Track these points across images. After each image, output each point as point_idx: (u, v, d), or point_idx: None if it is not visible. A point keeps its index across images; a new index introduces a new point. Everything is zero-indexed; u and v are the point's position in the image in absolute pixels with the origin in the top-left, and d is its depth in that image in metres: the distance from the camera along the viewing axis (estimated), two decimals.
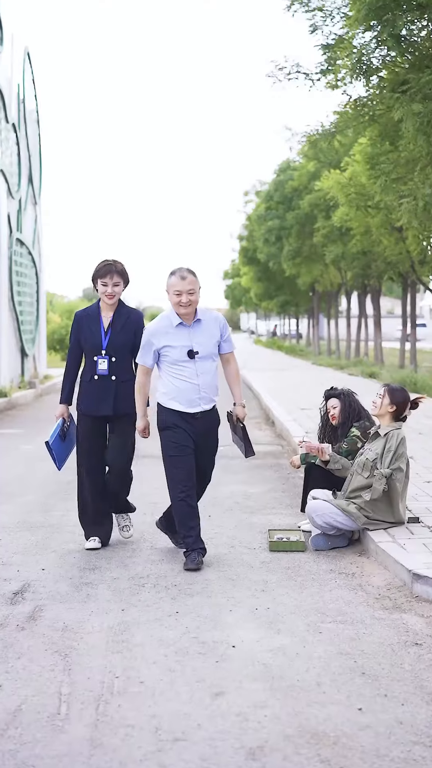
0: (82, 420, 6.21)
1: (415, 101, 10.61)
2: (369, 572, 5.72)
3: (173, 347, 5.76)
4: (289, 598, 5.17)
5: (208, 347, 5.82)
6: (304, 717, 3.61)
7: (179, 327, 5.80)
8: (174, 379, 5.79)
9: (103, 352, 6.11)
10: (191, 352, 5.75)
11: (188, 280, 5.73)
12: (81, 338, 6.18)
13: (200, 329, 5.82)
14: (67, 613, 4.90)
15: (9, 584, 5.45)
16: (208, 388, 5.83)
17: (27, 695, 3.81)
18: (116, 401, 6.11)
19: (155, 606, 5.03)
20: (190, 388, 5.76)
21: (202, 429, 5.86)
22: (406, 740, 3.42)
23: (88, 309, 6.29)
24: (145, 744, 3.37)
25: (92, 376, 6.12)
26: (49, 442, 6.25)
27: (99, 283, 6.14)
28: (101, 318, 6.19)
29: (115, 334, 6.14)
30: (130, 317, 6.23)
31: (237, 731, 3.48)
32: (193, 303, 5.75)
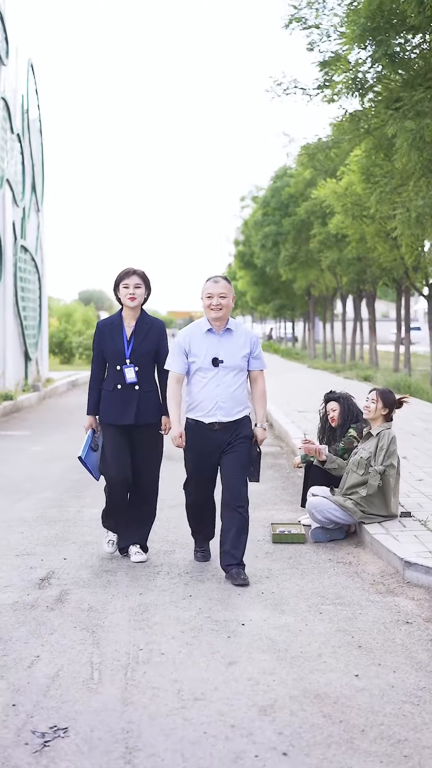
0: (105, 429, 6.13)
1: (408, 118, 11.13)
2: (364, 561, 6.23)
3: (199, 353, 5.74)
4: (291, 584, 5.68)
5: (235, 359, 5.76)
6: (308, 682, 4.11)
7: (208, 334, 5.80)
8: (195, 387, 5.80)
9: (127, 361, 6.01)
10: (215, 360, 5.72)
11: (221, 284, 5.77)
12: (104, 347, 6.09)
13: (229, 339, 5.79)
14: (91, 596, 5.40)
15: (35, 571, 5.95)
16: (228, 400, 5.74)
17: (62, 664, 4.31)
18: (139, 410, 6.00)
19: (170, 590, 5.52)
20: (208, 397, 5.73)
21: (223, 439, 5.78)
22: (397, 700, 3.92)
23: (110, 318, 6.20)
24: (170, 702, 3.87)
25: (116, 385, 6.04)
26: (81, 456, 6.14)
27: (121, 286, 6.04)
28: (124, 327, 6.10)
29: (138, 342, 6.04)
30: (153, 326, 6.13)
31: (249, 693, 3.98)
32: (224, 308, 5.72)
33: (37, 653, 4.45)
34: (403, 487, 7.91)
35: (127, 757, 3.38)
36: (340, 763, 3.34)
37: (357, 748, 3.47)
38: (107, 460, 6.09)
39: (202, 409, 5.76)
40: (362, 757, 3.39)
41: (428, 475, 8.74)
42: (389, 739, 3.55)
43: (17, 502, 8.31)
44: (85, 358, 36.65)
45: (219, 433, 5.77)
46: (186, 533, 6.57)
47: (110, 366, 6.08)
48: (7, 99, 18.53)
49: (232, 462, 5.78)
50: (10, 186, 18.79)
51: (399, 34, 11.83)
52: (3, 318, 18.23)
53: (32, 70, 21.88)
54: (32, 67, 21.86)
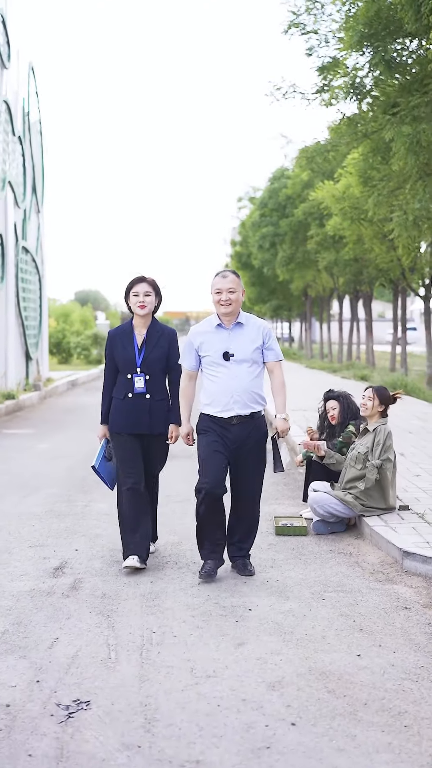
0: (116, 438, 6.06)
1: (405, 123, 11.38)
2: (365, 551, 6.49)
3: (210, 348, 5.70)
4: (295, 573, 5.93)
5: (246, 352, 5.68)
6: (313, 661, 4.37)
7: (218, 328, 5.74)
8: (209, 383, 5.73)
9: (138, 370, 5.98)
10: (226, 354, 5.66)
11: (229, 279, 5.70)
12: (115, 356, 6.05)
13: (240, 333, 5.72)
14: (104, 584, 5.64)
15: (49, 561, 6.19)
16: (244, 393, 5.67)
17: (81, 645, 4.55)
18: (152, 419, 5.97)
19: (179, 579, 5.77)
20: (223, 391, 5.66)
21: (240, 437, 5.70)
22: (396, 677, 4.18)
23: (121, 326, 6.15)
24: (184, 679, 4.12)
25: (126, 394, 6.00)
26: (95, 466, 6.11)
27: (131, 294, 6.03)
28: (135, 335, 6.06)
29: (149, 350, 6.00)
30: (164, 333, 6.09)
31: (258, 671, 4.23)
32: (233, 303, 5.66)
33: (56, 636, 4.69)
34: (401, 483, 8.17)
35: (147, 726, 3.63)
36: (344, 732, 3.59)
37: (360, 719, 3.72)
38: (121, 470, 5.99)
39: (219, 404, 5.68)
40: (365, 727, 3.64)
41: (425, 471, 8.99)
42: (390, 711, 3.80)
43: (26, 497, 8.55)
44: (82, 358, 36.87)
45: (237, 427, 5.68)
46: (187, 529, 6.81)
47: (121, 374, 6.04)
48: (8, 102, 18.76)
49: (245, 467, 5.75)
50: (12, 188, 19.03)
51: (396, 40, 12.10)
52: (5, 318, 18.47)
53: (33, 72, 22.11)
54: (33, 70, 22.09)
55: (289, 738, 3.54)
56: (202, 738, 3.54)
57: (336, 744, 3.50)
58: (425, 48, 10.86)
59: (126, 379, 6.00)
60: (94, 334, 37.55)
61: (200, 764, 3.32)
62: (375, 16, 11.37)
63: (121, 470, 5.99)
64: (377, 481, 6.95)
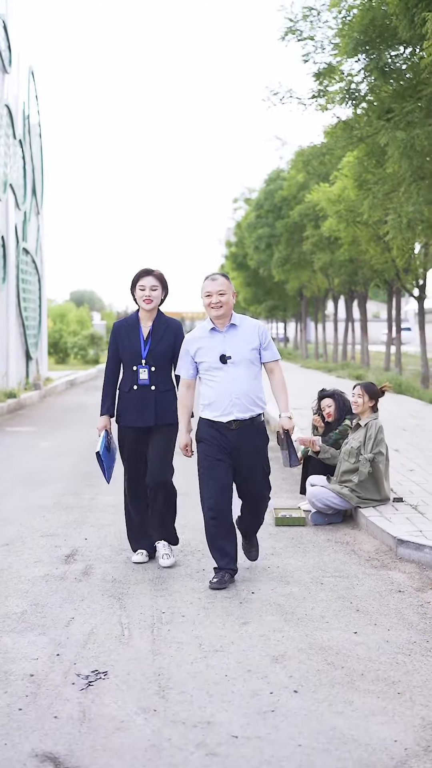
0: (122, 432, 6.08)
1: (399, 128, 11.71)
2: (361, 540, 6.81)
3: (206, 353, 5.61)
4: (294, 560, 6.24)
5: (243, 353, 5.60)
6: (313, 638, 4.68)
7: (213, 332, 5.66)
8: (208, 388, 5.64)
9: (143, 361, 5.98)
10: (223, 357, 5.57)
11: (218, 281, 5.63)
12: (120, 347, 6.06)
13: (234, 335, 5.64)
14: (114, 570, 5.95)
15: (61, 549, 6.51)
16: (243, 396, 5.56)
17: (96, 624, 4.87)
18: (158, 411, 5.97)
19: (185, 565, 6.08)
20: (222, 395, 5.56)
21: (240, 441, 5.59)
22: (390, 651, 4.50)
23: (127, 318, 6.17)
24: (193, 653, 4.43)
25: (131, 386, 6.00)
26: (99, 452, 6.06)
27: (137, 287, 6.00)
28: (140, 327, 6.06)
29: (155, 342, 6.00)
30: (169, 326, 6.09)
31: (262, 646, 4.55)
32: (224, 305, 5.58)
33: (72, 615, 5.01)
34: (395, 477, 8.50)
35: (161, 693, 3.94)
36: (343, 698, 3.91)
37: (357, 688, 4.03)
38: (126, 464, 6.07)
39: (218, 408, 5.58)
40: (362, 694, 3.96)
41: (418, 466, 9.32)
42: (385, 680, 4.12)
43: (34, 491, 8.86)
44: (79, 358, 37.17)
45: (236, 433, 5.58)
46: (195, 517, 7.10)
47: (126, 366, 6.04)
48: (9, 106, 19.07)
49: (249, 467, 5.66)
50: (13, 190, 19.35)
51: (390, 47, 12.42)
52: (6, 319, 18.77)
53: (33, 76, 22.41)
54: (33, 74, 22.39)
55: (292, 703, 3.86)
56: (212, 703, 3.85)
57: (335, 708, 3.81)
58: (419, 56, 11.17)
59: (132, 371, 6.00)
60: (90, 334, 37.85)
61: (211, 725, 3.64)
62: (370, 24, 11.69)
63: (126, 469, 6.06)
64: (371, 474, 7.27)
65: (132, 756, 3.37)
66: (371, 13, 11.58)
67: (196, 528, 7.04)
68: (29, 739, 3.50)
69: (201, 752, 3.41)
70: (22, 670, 4.20)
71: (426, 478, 8.62)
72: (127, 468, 6.10)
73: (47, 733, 3.56)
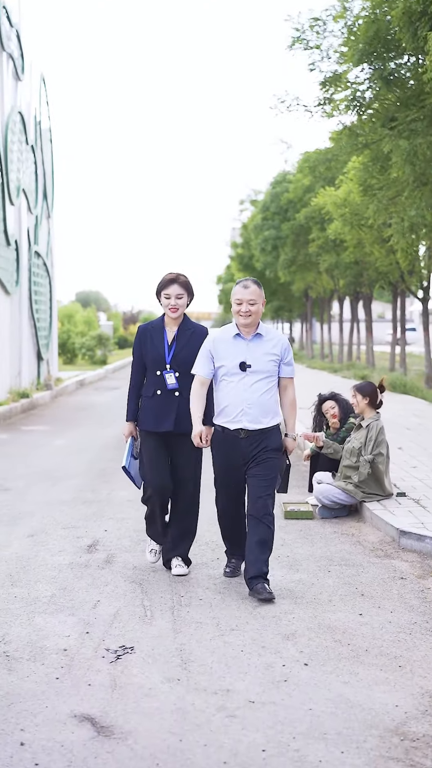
0: (144, 438, 5.98)
1: (402, 137, 12.10)
2: (365, 532, 7.20)
3: (227, 358, 5.57)
4: (303, 550, 6.63)
5: (263, 364, 5.56)
6: (321, 618, 5.08)
7: (237, 338, 5.62)
8: (222, 392, 5.62)
9: (167, 366, 5.87)
10: (243, 364, 5.53)
11: (250, 290, 5.55)
12: (144, 352, 5.96)
13: (258, 344, 5.59)
14: (134, 559, 6.35)
15: (82, 540, 6.91)
16: (255, 406, 5.52)
17: (120, 606, 5.27)
18: (178, 417, 5.84)
19: (200, 555, 6.47)
20: (234, 402, 5.54)
21: (250, 451, 5.56)
22: (393, 630, 4.89)
23: (152, 322, 6.07)
24: (211, 631, 4.83)
25: (155, 391, 5.89)
26: (126, 467, 6.01)
27: (162, 295, 5.91)
28: (165, 332, 5.97)
29: (179, 348, 5.90)
30: (195, 331, 5.99)
31: (274, 625, 4.94)
32: (253, 314, 5.53)
33: (98, 599, 5.41)
34: (398, 473, 8.89)
35: (183, 665, 4.34)
36: (349, 671, 4.30)
37: (362, 661, 4.43)
38: (146, 469, 5.94)
39: (228, 415, 5.57)
40: (366, 667, 4.35)
41: (421, 463, 9.70)
42: (387, 656, 4.51)
43: (53, 487, 9.26)
44: (87, 358, 37.57)
45: (245, 441, 5.56)
46: (208, 511, 7.48)
47: (150, 371, 5.94)
48: (22, 113, 19.50)
49: (259, 474, 5.57)
50: (26, 195, 19.78)
51: (395, 57, 12.81)
52: (19, 320, 19.21)
53: (44, 82, 22.84)
54: (44, 80, 22.82)
55: (303, 674, 4.25)
56: (230, 674, 4.24)
57: (342, 679, 4.20)
58: (423, 68, 11.54)
59: (155, 375, 5.90)
60: (98, 335, 38.25)
61: (230, 692, 4.03)
62: (374, 36, 12.07)
63: (148, 473, 5.91)
64: (370, 474, 7.67)
65: (160, 717, 3.76)
66: (376, 26, 11.96)
67: (209, 521, 7.43)
68: (67, 703, 3.90)
69: (221, 714, 3.80)
70: (55, 646, 4.60)
71: (428, 474, 9.00)
72: (149, 476, 5.92)
73: (83, 698, 3.96)
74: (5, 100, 18.03)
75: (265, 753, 3.46)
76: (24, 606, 5.29)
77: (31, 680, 4.16)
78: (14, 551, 6.59)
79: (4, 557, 6.42)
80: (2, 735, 3.61)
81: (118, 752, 3.46)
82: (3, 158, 17.28)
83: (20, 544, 6.82)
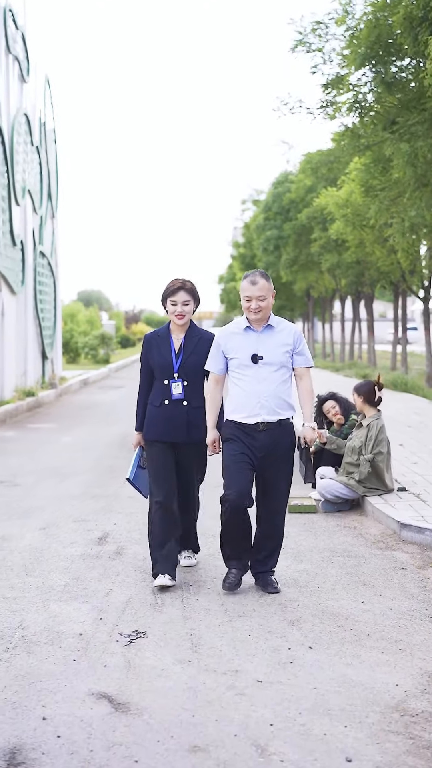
0: (150, 447, 5.84)
1: (403, 140, 12.30)
2: (367, 525, 7.41)
3: (238, 351, 5.49)
4: (306, 542, 6.85)
5: (276, 355, 5.46)
6: (324, 606, 5.29)
7: (247, 331, 5.52)
8: (236, 387, 5.52)
9: (175, 375, 5.76)
10: (255, 356, 5.43)
11: (259, 285, 5.43)
12: (151, 360, 5.85)
13: (269, 335, 5.51)
14: (143, 551, 6.56)
15: (93, 533, 7.13)
16: (271, 398, 5.43)
17: (131, 594, 5.49)
18: (189, 428, 5.74)
19: (206, 547, 6.67)
20: (250, 396, 5.43)
21: (267, 445, 5.46)
22: (394, 617, 5.10)
23: (157, 331, 5.95)
24: (219, 617, 5.05)
25: (163, 400, 5.77)
26: (129, 478, 5.94)
27: (168, 302, 5.79)
28: (172, 339, 5.86)
29: (186, 355, 5.79)
30: (202, 338, 5.87)
31: (280, 612, 5.16)
32: (263, 310, 5.44)
33: (110, 587, 5.63)
34: (399, 469, 9.10)
35: (194, 648, 4.56)
36: (352, 653, 4.52)
37: (364, 645, 4.64)
38: (153, 483, 5.80)
39: (245, 410, 5.45)
40: (368, 650, 4.57)
41: (421, 459, 9.92)
42: (388, 640, 4.73)
43: (61, 482, 9.49)
44: (90, 358, 37.80)
45: (263, 435, 5.45)
46: (211, 506, 7.69)
47: (157, 380, 5.84)
48: (28, 114, 19.72)
49: (272, 478, 5.53)
50: (31, 196, 20.01)
51: (395, 61, 13.01)
52: (25, 320, 19.44)
53: (48, 84, 23.06)
54: (48, 82, 23.05)
55: (308, 657, 4.47)
56: (239, 656, 4.46)
57: (345, 661, 4.42)
58: (423, 72, 11.72)
59: (163, 384, 5.80)
60: (101, 334, 38.48)
61: (239, 673, 4.25)
62: (376, 40, 12.27)
63: (153, 483, 5.80)
64: (370, 473, 7.89)
65: (173, 695, 3.98)
66: (377, 30, 12.16)
67: (214, 516, 7.63)
68: (85, 682, 4.12)
69: (231, 692, 4.02)
70: (71, 630, 4.83)
71: (428, 470, 9.22)
72: (155, 487, 5.79)
73: (99, 678, 4.18)
74: (11, 103, 18.25)
75: (272, 727, 3.67)
76: (39, 594, 5.51)
77: (50, 662, 4.38)
78: (28, 543, 6.81)
79: (18, 548, 6.64)
80: (25, 711, 3.83)
81: (135, 726, 3.67)
82: (9, 159, 17.51)
83: (33, 536, 7.04)
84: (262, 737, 3.58)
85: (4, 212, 17.24)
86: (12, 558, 6.39)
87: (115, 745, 3.51)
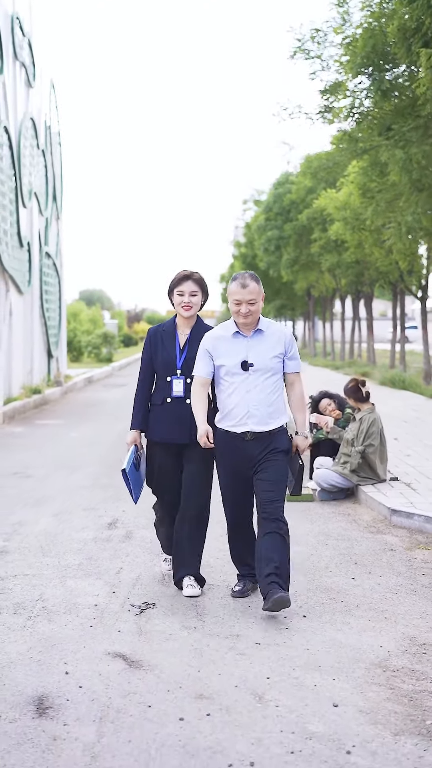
0: (152, 448, 5.63)
1: (398, 147, 12.77)
2: (360, 512, 7.89)
3: (227, 357, 5.24)
4: (303, 527, 7.32)
5: (266, 361, 5.22)
6: (318, 582, 5.77)
7: (236, 336, 5.27)
8: (224, 395, 5.28)
9: (178, 372, 5.49)
10: (245, 363, 5.20)
11: (249, 288, 5.16)
12: (154, 355, 5.58)
13: (259, 341, 5.25)
14: (151, 534, 7.01)
15: (103, 518, 7.61)
16: (261, 407, 5.19)
17: (141, 572, 5.97)
18: (192, 427, 5.40)
19: (210, 535, 7.13)
20: (238, 404, 5.20)
21: (256, 454, 5.22)
22: (382, 591, 5.58)
23: (162, 325, 5.66)
24: (221, 592, 5.54)
25: (165, 398, 5.51)
26: (125, 470, 5.46)
27: (175, 292, 5.53)
28: (177, 334, 5.58)
29: (191, 351, 5.49)
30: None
31: None
32: (253, 314, 5.19)
33: (120, 566, 6.11)
34: (393, 461, 9.58)
35: (199, 617, 5.04)
36: (342, 621, 5.00)
37: (353, 614, 5.12)
38: (155, 483, 5.67)
39: (233, 418, 5.24)
40: (357, 618, 5.05)
41: (415, 452, 10.40)
42: (375, 610, 5.20)
43: (71, 474, 9.97)
44: (93, 356, 38.29)
45: (251, 444, 5.22)
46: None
47: (159, 377, 5.58)
48: (34, 118, 20.21)
49: (266, 479, 5.21)
50: (36, 198, 20.50)
51: (391, 68, 13.48)
52: (31, 319, 19.93)
53: (53, 88, 23.55)
54: (53, 86, 23.54)
55: (302, 624, 4.94)
56: (239, 623, 4.94)
57: (335, 627, 4.90)
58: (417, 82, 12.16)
59: (165, 382, 5.54)
60: (104, 333, 38.98)
61: (239, 636, 4.73)
62: (372, 50, 12.74)
63: (156, 486, 5.68)
64: (360, 464, 8.38)
65: (181, 655, 4.46)
66: (373, 40, 12.62)
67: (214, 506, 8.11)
68: (101, 644, 4.60)
69: (233, 653, 4.50)
70: (87, 603, 5.30)
71: (420, 462, 9.70)
72: (157, 490, 5.71)
73: (114, 641, 4.65)
74: (18, 107, 18.73)
75: (269, 680, 4.15)
76: (56, 572, 5.99)
77: (69, 628, 4.86)
78: (42, 528, 7.29)
79: (34, 533, 7.12)
80: (49, 667, 4.31)
81: (148, 679, 4.15)
82: (17, 163, 17.99)
83: (47, 522, 7.52)
84: (260, 688, 4.06)
85: (12, 214, 17.73)
86: (29, 541, 6.87)
87: (131, 693, 3.99)
